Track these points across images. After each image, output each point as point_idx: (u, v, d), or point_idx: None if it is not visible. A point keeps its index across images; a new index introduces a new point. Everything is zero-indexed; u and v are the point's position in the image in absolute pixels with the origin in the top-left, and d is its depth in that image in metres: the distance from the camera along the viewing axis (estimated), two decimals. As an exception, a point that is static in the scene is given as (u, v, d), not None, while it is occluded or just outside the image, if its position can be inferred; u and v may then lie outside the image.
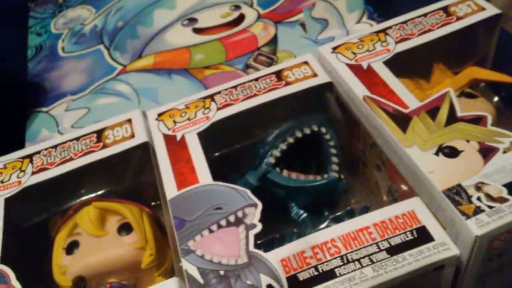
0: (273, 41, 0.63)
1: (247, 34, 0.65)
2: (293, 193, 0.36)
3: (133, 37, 0.68)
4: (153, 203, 0.41)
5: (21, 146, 0.57)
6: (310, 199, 0.36)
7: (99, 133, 0.40)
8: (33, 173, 0.38)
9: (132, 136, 0.39)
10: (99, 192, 0.39)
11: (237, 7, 0.69)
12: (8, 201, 0.36)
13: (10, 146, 0.57)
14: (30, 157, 0.39)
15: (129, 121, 0.40)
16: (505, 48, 0.41)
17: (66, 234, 0.37)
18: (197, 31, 0.67)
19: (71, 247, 0.36)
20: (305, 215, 0.36)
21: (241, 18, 0.67)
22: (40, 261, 0.36)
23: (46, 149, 0.39)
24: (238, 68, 0.60)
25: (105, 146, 0.38)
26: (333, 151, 0.37)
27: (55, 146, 0.39)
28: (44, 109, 0.61)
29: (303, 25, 0.63)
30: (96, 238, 0.36)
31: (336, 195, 0.38)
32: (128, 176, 0.39)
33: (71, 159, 0.38)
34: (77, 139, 0.40)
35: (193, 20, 0.69)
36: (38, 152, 0.39)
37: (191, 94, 0.57)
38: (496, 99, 0.42)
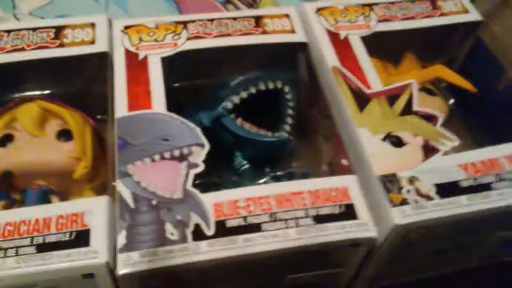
0: (260, -18, 0.60)
1: (236, -34, 0.62)
2: (241, 143, 0.37)
3: None
4: (98, 117, 0.40)
5: (-32, 18, 0.53)
6: (256, 152, 0.37)
7: (58, 30, 0.37)
8: (-22, 53, 0.35)
9: (92, 42, 0.37)
10: (46, 92, 0.37)
11: None
12: None
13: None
14: (-23, 35, 0.36)
15: (93, 25, 0.38)
16: (475, 55, 0.42)
17: (2, 125, 0.36)
18: None
19: (4, 140, 0.35)
20: (246, 166, 0.36)
21: None
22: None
23: (-3, 31, 0.37)
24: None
25: (61, 45, 0.36)
26: (290, 111, 0.38)
27: (8, 31, 0.37)
28: (2, -15, 0.57)
29: (294, -26, 0.61)
30: (33, 138, 0.35)
31: (282, 155, 0.38)
32: (79, 82, 0.38)
33: (23, 49, 0.36)
34: (34, 29, 0.37)
35: None
36: (-12, 32, 0.37)
37: (164, 13, 0.56)
38: (451, 101, 0.43)
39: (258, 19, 0.39)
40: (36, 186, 0.35)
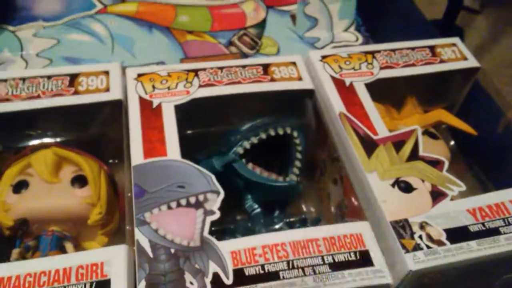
0: (261, 25, 0.62)
1: (237, 10, 0.64)
2: (251, 186, 0.38)
3: (120, -22, 0.65)
4: (110, 161, 0.41)
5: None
6: (267, 196, 0.38)
7: (73, 78, 0.38)
8: (-5, 101, 0.36)
9: (107, 89, 0.38)
10: (60, 138, 0.38)
11: (233, -21, 0.68)
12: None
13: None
14: (-6, 83, 0.37)
15: (106, 73, 0.39)
16: (473, 99, 0.44)
17: (17, 171, 0.36)
18: (188, -9, 0.65)
19: (20, 186, 0.36)
20: (258, 210, 0.37)
21: (234, -9, 0.66)
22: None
23: (13, 79, 0.38)
24: (221, 42, 0.60)
25: (76, 93, 0.37)
26: (298, 156, 0.39)
27: (23, 79, 0.38)
28: (11, 28, 0.58)
29: (293, 18, 0.63)
30: (47, 184, 0.36)
31: (291, 198, 0.39)
32: (93, 128, 0.38)
33: (38, 96, 0.37)
34: (49, 77, 0.38)
35: (185, -21, 0.67)
36: (5, 80, 0.37)
37: (169, 55, 0.57)
38: (452, 143, 0.45)
39: (266, 67, 0.41)
40: (50, 232, 0.35)
